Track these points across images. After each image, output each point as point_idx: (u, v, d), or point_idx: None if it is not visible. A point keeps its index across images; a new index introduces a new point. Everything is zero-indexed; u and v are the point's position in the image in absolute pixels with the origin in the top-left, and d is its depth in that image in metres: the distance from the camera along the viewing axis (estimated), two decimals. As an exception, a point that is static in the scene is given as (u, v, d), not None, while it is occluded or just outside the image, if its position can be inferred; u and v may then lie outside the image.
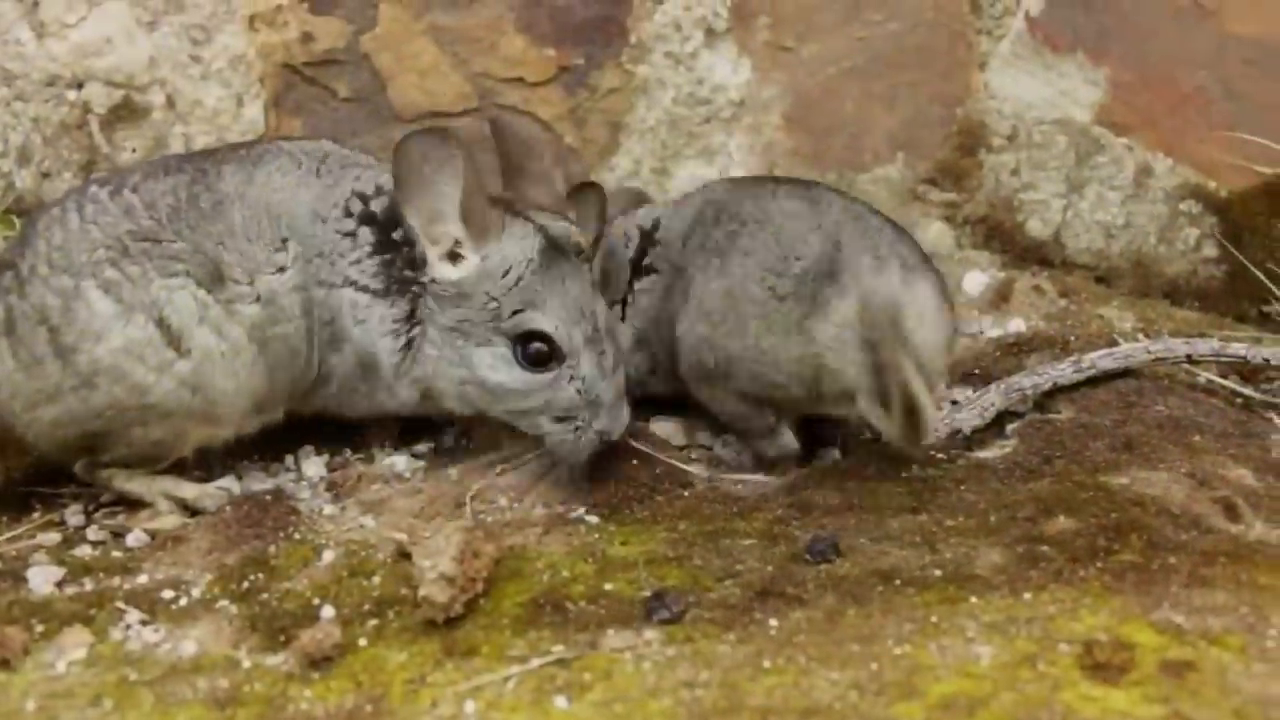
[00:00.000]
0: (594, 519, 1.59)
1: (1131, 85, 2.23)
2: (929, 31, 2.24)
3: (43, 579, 1.50)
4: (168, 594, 1.48)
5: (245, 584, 1.50)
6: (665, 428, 1.86)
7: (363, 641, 1.38)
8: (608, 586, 1.43)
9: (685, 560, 1.46)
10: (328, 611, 1.43)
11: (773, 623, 1.33)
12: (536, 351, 1.60)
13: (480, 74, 2.25)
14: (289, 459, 1.76)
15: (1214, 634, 1.28)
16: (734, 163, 2.25)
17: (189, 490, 1.66)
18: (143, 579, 1.52)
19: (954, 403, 1.79)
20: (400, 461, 1.73)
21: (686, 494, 1.63)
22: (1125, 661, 1.24)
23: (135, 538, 1.60)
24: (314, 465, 1.74)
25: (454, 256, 1.62)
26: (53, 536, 1.61)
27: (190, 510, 1.65)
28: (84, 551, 1.59)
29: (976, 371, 1.89)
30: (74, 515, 1.67)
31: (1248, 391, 1.86)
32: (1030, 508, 1.51)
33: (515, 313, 1.60)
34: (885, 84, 2.25)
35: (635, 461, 1.70)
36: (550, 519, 1.59)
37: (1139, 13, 2.21)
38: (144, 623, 1.44)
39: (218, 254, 1.61)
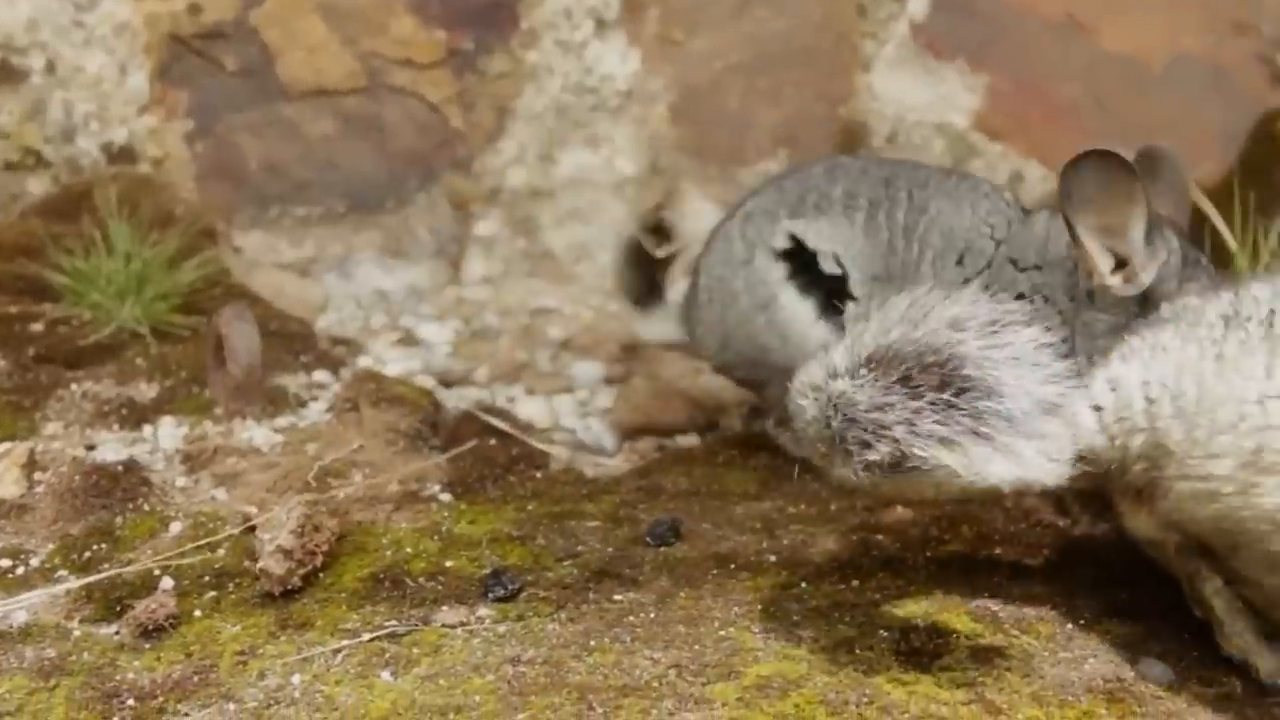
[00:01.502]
0: (447, 497, 1.60)
1: (1008, 94, 2.29)
2: (815, 32, 2.28)
3: (-128, 543, 1.48)
4: (5, 563, 1.47)
5: (87, 554, 1.49)
6: (531, 409, 1.89)
7: (198, 613, 1.38)
8: (449, 564, 1.44)
9: (529, 540, 1.48)
10: (167, 583, 1.42)
11: (605, 603, 1.36)
12: None
13: (369, 53, 2.25)
14: (147, 429, 1.75)
15: (1026, 622, 1.32)
16: (618, 152, 2.28)
17: (1269, 661, 1.26)
18: (-18, 547, 1.50)
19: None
20: (259, 435, 1.73)
21: (539, 475, 1.65)
22: (939, 648, 1.28)
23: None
24: (171, 437, 1.73)
25: None
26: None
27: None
28: (-75, 519, 1.57)
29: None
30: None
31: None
32: (870, 497, 1.55)
33: None
34: (771, 81, 2.28)
35: (494, 441, 1.72)
36: (403, 496, 1.59)
37: (1018, 25, 2.28)
38: (-22, 591, 1.42)
39: None
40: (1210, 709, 1.21)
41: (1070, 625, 1.33)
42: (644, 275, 1.84)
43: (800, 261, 1.61)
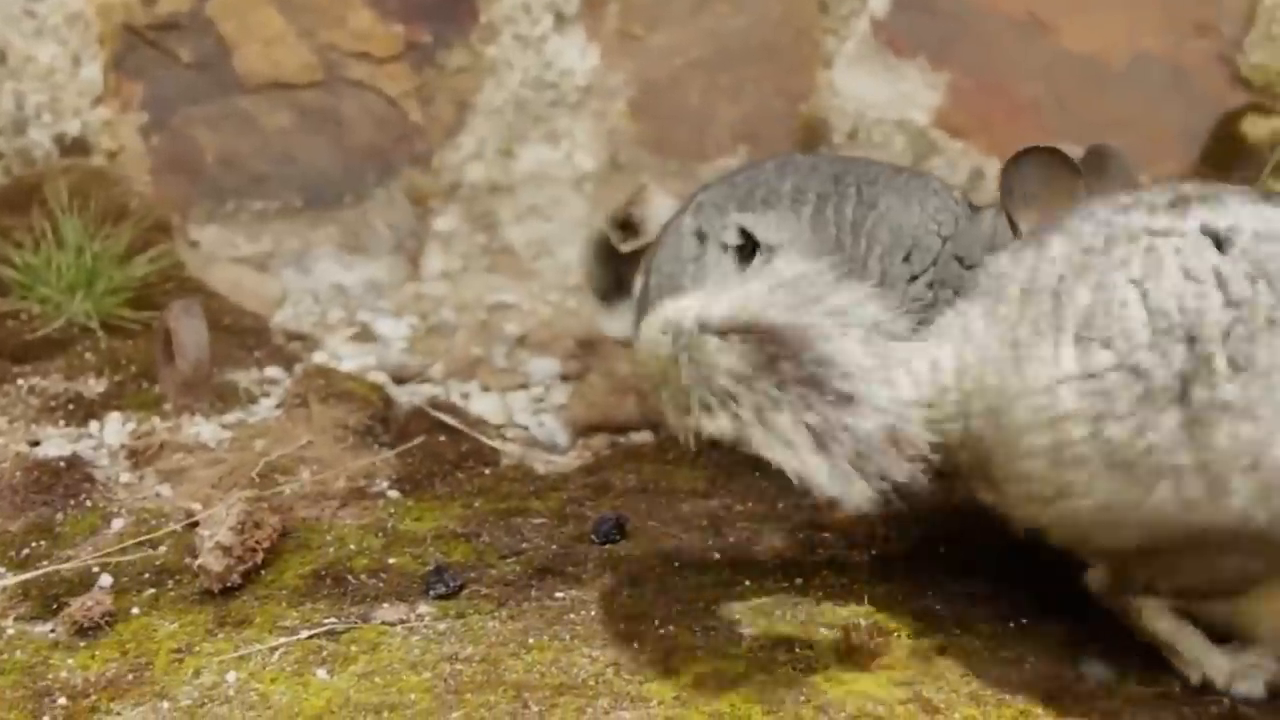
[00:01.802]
0: (395, 494, 1.59)
1: (970, 92, 2.29)
2: (776, 28, 2.28)
3: None
4: (-58, 559, 1.45)
5: (25, 551, 1.47)
6: (485, 405, 1.87)
7: (136, 610, 1.36)
8: (391, 560, 1.43)
9: (474, 537, 1.47)
10: (105, 580, 1.41)
11: (547, 601, 1.35)
12: None
13: (326, 46, 2.23)
14: (94, 425, 1.73)
15: (968, 621, 1.32)
16: (578, 147, 2.27)
17: (1218, 665, 1.23)
18: (-80, 544, 1.48)
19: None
20: (207, 431, 1.71)
21: (488, 471, 1.64)
22: (880, 646, 1.27)
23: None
24: (117, 432, 1.71)
25: None
26: None
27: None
28: None
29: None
30: None
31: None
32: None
33: None
34: (731, 77, 2.28)
35: (444, 438, 1.70)
36: (350, 493, 1.58)
37: (980, 23, 2.27)
38: (-87, 588, 1.40)
39: None
40: (1149, 708, 1.21)
41: (1012, 624, 1.32)
42: (610, 270, 1.82)
43: (750, 257, 1.60)
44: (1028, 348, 1.17)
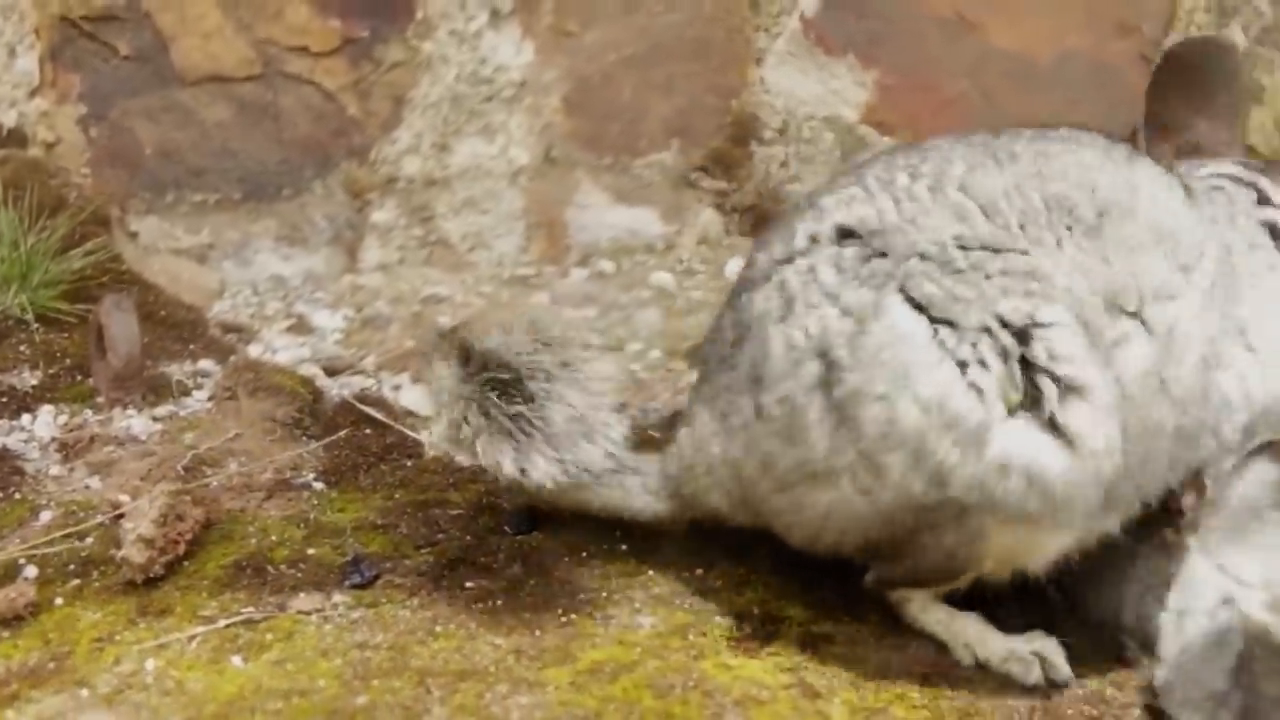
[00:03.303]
0: (320, 486, 1.64)
1: (898, 89, 2.34)
2: (708, 25, 2.32)
3: None
4: None
5: (-47, 542, 1.51)
6: (415, 396, 1.92)
7: (59, 601, 1.41)
8: (311, 551, 1.48)
9: (392, 528, 1.52)
10: (30, 571, 1.45)
11: (457, 590, 1.40)
12: None
13: (264, 40, 2.26)
14: (26, 418, 1.77)
15: (859, 610, 1.38)
16: (513, 142, 2.31)
17: (995, 646, 1.28)
18: None
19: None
20: (138, 424, 1.75)
21: (410, 463, 1.69)
22: (771, 633, 1.34)
23: None
24: (48, 425, 1.75)
25: None
26: None
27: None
28: None
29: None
30: None
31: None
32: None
33: None
34: (663, 73, 2.32)
35: (369, 430, 1.75)
36: (276, 485, 1.63)
37: (907, 22, 2.33)
38: None
39: (1110, 274, 1.19)
40: (1017, 690, 1.27)
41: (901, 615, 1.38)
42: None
43: None
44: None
